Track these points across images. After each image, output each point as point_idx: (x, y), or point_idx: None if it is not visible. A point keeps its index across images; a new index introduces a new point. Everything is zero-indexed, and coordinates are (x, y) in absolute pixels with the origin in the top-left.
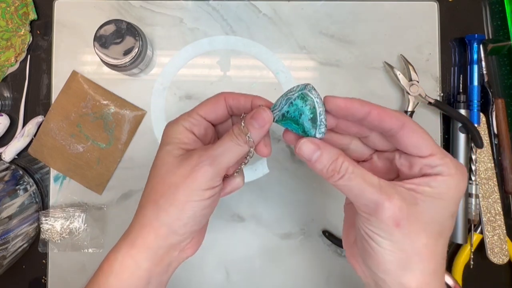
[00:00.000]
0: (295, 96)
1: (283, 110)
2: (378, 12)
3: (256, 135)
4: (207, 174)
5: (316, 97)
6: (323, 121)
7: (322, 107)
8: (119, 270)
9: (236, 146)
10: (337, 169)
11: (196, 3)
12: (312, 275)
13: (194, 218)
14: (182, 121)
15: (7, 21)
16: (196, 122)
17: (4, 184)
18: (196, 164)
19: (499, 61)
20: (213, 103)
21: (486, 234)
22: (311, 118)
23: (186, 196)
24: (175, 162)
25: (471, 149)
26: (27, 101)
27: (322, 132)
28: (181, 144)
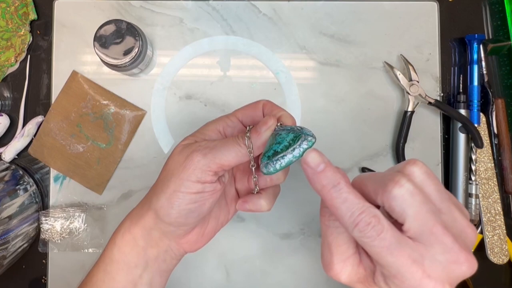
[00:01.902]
0: (297, 132)
1: (280, 131)
2: (378, 12)
3: (256, 138)
4: (199, 163)
5: (299, 149)
6: (278, 165)
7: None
8: (121, 243)
9: (235, 144)
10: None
11: (196, 3)
12: (312, 275)
13: (178, 209)
14: (217, 121)
15: (7, 21)
16: (232, 124)
17: (4, 184)
18: (191, 152)
19: (499, 61)
20: (251, 108)
21: (486, 234)
22: (275, 151)
23: (175, 185)
24: (180, 149)
25: (471, 149)
26: (27, 101)
27: (267, 168)
28: (199, 138)
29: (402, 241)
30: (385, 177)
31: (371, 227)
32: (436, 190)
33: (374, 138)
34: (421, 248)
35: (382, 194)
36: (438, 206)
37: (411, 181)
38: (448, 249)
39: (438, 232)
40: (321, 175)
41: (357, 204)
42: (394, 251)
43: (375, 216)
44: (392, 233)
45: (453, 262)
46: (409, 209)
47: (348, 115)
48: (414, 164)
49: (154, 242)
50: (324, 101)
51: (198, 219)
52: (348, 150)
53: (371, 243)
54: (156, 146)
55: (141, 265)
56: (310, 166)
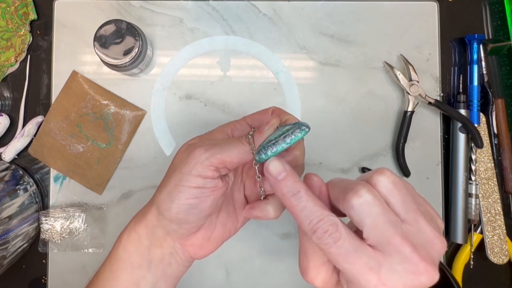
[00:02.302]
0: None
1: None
2: (378, 12)
3: (258, 136)
4: (200, 158)
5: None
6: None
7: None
8: (126, 242)
9: (237, 142)
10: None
11: (196, 3)
12: None
13: (178, 204)
14: (227, 124)
15: (7, 21)
16: (240, 127)
17: (4, 184)
18: (194, 148)
19: (499, 61)
20: (261, 113)
21: (486, 234)
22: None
23: (176, 179)
24: (184, 147)
25: (471, 149)
26: (27, 101)
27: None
28: (206, 138)
29: (360, 249)
30: (349, 185)
31: (328, 234)
32: (401, 200)
33: (374, 138)
34: (379, 256)
35: (343, 203)
36: (402, 217)
37: (371, 191)
38: (406, 259)
39: (396, 242)
40: (281, 183)
41: (316, 212)
42: (350, 258)
43: (332, 224)
44: (350, 241)
45: (411, 272)
46: (366, 219)
47: (348, 115)
48: (382, 173)
49: (158, 241)
50: (324, 101)
51: (199, 217)
52: (348, 150)
53: (328, 250)
54: (156, 146)
55: (145, 265)
56: (272, 174)
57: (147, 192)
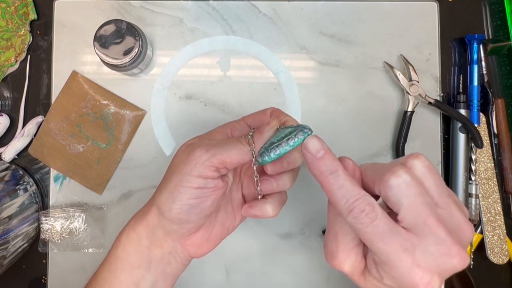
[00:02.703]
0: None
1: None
2: (378, 12)
3: (258, 137)
4: (201, 158)
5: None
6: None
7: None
8: (125, 242)
9: (237, 142)
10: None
11: (196, 3)
12: (312, 275)
13: (180, 204)
14: (226, 124)
15: (7, 21)
16: (240, 127)
17: (4, 184)
18: (194, 148)
19: (499, 61)
20: (260, 114)
21: (486, 234)
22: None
23: (177, 179)
24: (184, 148)
25: (471, 149)
26: (27, 101)
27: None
28: (206, 138)
29: (395, 230)
30: (385, 167)
31: (365, 214)
32: (435, 184)
33: (374, 138)
34: (414, 238)
35: (379, 183)
36: (436, 200)
37: (409, 173)
38: (440, 241)
39: (431, 224)
40: (320, 161)
41: (353, 191)
42: (386, 238)
43: (369, 204)
44: (385, 221)
45: (445, 255)
46: (404, 200)
47: (348, 115)
48: (417, 157)
49: (158, 241)
50: (324, 101)
51: (200, 217)
52: (348, 150)
53: (364, 229)
54: (156, 146)
55: (144, 265)
56: (310, 152)
57: (147, 192)
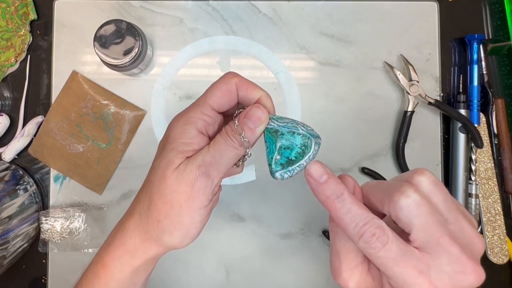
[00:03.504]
0: (302, 133)
1: (281, 129)
2: (378, 12)
3: (251, 135)
4: (207, 188)
5: (313, 152)
6: (295, 172)
7: (307, 162)
8: (120, 276)
9: (232, 149)
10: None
11: (196, 3)
12: (312, 275)
13: (198, 233)
14: (196, 121)
15: (7, 21)
16: (211, 120)
17: (4, 184)
18: (195, 179)
19: (499, 61)
20: (227, 95)
21: (486, 234)
22: (290, 159)
23: (191, 219)
24: (173, 176)
25: (471, 149)
26: (27, 101)
27: (283, 177)
28: (189, 152)
29: (408, 252)
30: (392, 187)
31: (376, 238)
32: (443, 200)
33: (374, 138)
34: (427, 258)
35: (389, 204)
36: (445, 216)
37: (418, 191)
38: (454, 259)
39: (444, 242)
40: (324, 186)
41: (361, 215)
42: (400, 262)
43: (379, 227)
44: (398, 243)
45: (460, 273)
46: (416, 220)
47: (348, 115)
48: (422, 173)
49: (151, 258)
50: (324, 101)
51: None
52: (348, 150)
53: (376, 254)
54: (156, 146)
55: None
56: (314, 178)
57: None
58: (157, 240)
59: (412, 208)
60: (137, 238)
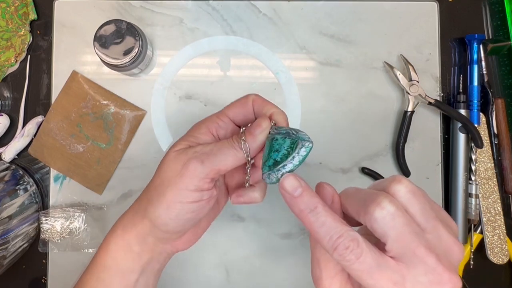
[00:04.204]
0: (293, 137)
1: (277, 136)
2: (378, 12)
3: (250, 140)
4: (196, 171)
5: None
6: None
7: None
8: (114, 250)
9: (231, 148)
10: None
11: (196, 3)
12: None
13: (176, 220)
14: (209, 122)
15: (7, 21)
16: (224, 125)
17: (4, 184)
18: (188, 160)
19: (499, 61)
20: (241, 106)
21: (486, 234)
22: (276, 161)
23: (173, 195)
24: (173, 156)
25: (471, 149)
26: (27, 101)
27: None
28: (194, 143)
29: (383, 264)
30: (368, 196)
31: (350, 251)
32: (421, 209)
33: (374, 138)
34: (403, 269)
35: (364, 216)
36: (423, 226)
37: (393, 202)
38: (430, 270)
39: (420, 253)
40: (298, 200)
41: (335, 228)
42: (374, 274)
43: (353, 240)
44: (372, 256)
45: (436, 283)
46: (391, 231)
47: (348, 115)
48: (399, 182)
49: (149, 247)
50: (324, 101)
51: (194, 224)
52: (348, 150)
53: (351, 267)
54: (156, 146)
55: (137, 269)
56: (287, 191)
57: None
58: (143, 212)
59: (387, 220)
60: (130, 213)
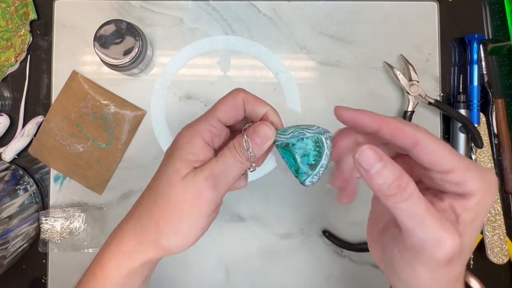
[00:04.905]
0: (310, 135)
1: (290, 140)
2: (378, 12)
3: (258, 151)
4: (212, 198)
5: (328, 148)
6: (320, 173)
7: (327, 160)
8: (117, 277)
9: (238, 164)
10: (403, 187)
11: (196, 3)
12: (312, 275)
13: (195, 241)
14: (203, 132)
15: (7, 21)
16: (217, 132)
17: (4, 184)
18: (201, 189)
19: (499, 61)
20: (234, 109)
21: (486, 234)
22: (311, 164)
23: (190, 225)
24: (181, 184)
25: (471, 149)
26: (27, 101)
27: (312, 182)
28: (195, 162)
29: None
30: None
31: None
32: None
33: None
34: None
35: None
36: None
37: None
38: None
39: None
40: (377, 177)
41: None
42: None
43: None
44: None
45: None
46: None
47: None
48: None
49: (155, 265)
50: (324, 101)
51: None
52: None
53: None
54: (156, 146)
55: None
56: (365, 168)
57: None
58: (154, 243)
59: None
60: (133, 240)
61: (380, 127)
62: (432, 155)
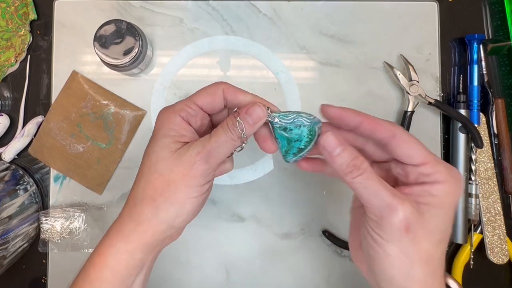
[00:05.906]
0: (307, 124)
1: (289, 126)
2: (378, 12)
3: (249, 130)
4: (204, 171)
5: (317, 136)
6: (305, 155)
7: (313, 145)
8: (115, 264)
9: (230, 141)
10: (358, 165)
11: (196, 3)
12: (312, 275)
13: (193, 212)
14: (180, 110)
15: (7, 21)
16: (193, 112)
17: (4, 184)
18: (194, 162)
19: (499, 61)
20: (211, 96)
21: (486, 234)
22: (300, 148)
23: (185, 194)
24: (173, 157)
25: (471, 149)
26: (27, 101)
27: (296, 161)
28: (179, 136)
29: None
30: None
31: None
32: None
33: None
34: None
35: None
36: None
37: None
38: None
39: None
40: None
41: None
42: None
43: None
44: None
45: None
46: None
47: None
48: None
49: (153, 249)
50: (324, 101)
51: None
52: None
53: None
54: None
55: (136, 273)
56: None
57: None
58: (153, 219)
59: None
60: (131, 223)
61: (361, 122)
62: (407, 147)
